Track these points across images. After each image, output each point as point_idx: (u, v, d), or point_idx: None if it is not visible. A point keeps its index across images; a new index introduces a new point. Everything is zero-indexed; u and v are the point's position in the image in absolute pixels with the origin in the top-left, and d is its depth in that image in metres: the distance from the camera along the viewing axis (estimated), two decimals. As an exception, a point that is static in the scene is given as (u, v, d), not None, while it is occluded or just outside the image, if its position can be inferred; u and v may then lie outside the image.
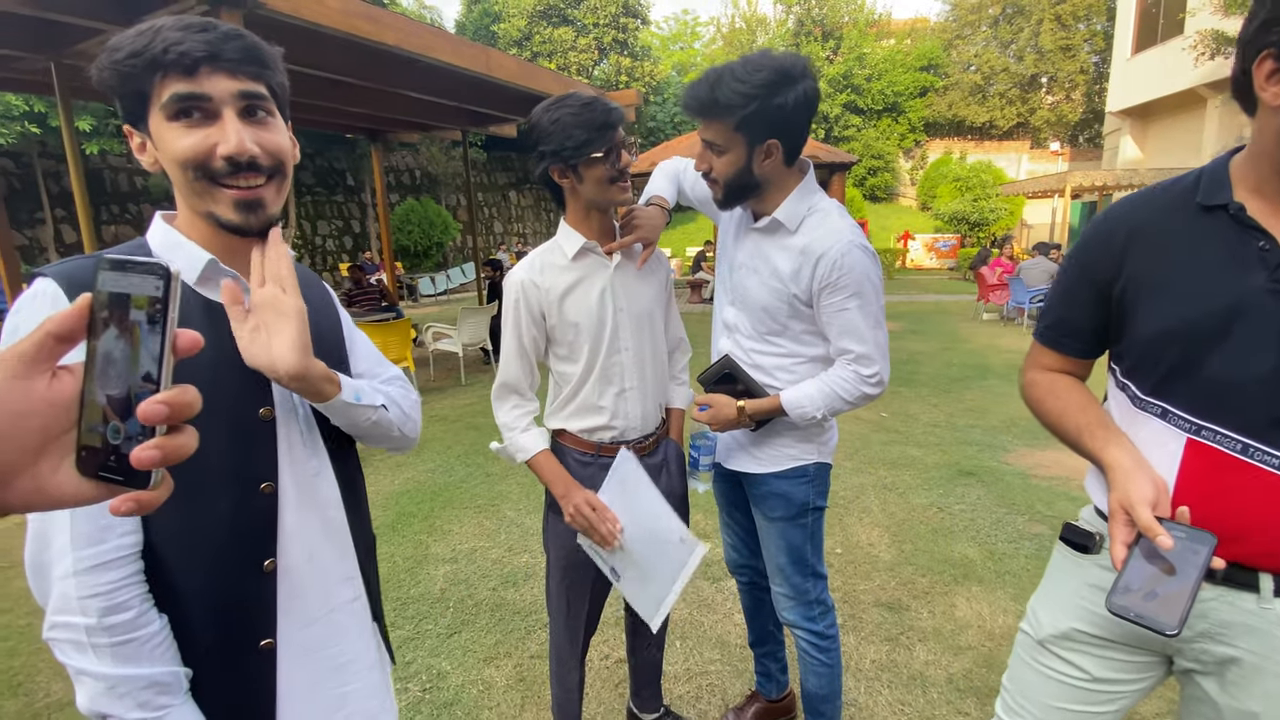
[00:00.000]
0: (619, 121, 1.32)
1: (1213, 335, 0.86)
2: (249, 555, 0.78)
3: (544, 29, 22.15)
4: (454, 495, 3.73)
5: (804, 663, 1.62)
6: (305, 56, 4.69)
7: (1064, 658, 1.04)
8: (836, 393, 1.39)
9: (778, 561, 1.57)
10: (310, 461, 0.84)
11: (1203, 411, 0.88)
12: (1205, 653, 0.92)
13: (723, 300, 1.58)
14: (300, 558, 0.82)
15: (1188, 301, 0.88)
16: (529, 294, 1.40)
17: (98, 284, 0.38)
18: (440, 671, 2.21)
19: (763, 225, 1.42)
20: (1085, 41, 24.24)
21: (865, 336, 1.36)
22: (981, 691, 2.04)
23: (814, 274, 1.35)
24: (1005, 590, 2.60)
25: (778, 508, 1.53)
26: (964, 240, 19.91)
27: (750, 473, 1.55)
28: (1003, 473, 3.86)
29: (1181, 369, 0.89)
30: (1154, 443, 0.93)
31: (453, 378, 6.84)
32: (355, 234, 17.83)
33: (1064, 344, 1.06)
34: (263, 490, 0.79)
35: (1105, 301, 0.98)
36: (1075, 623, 1.02)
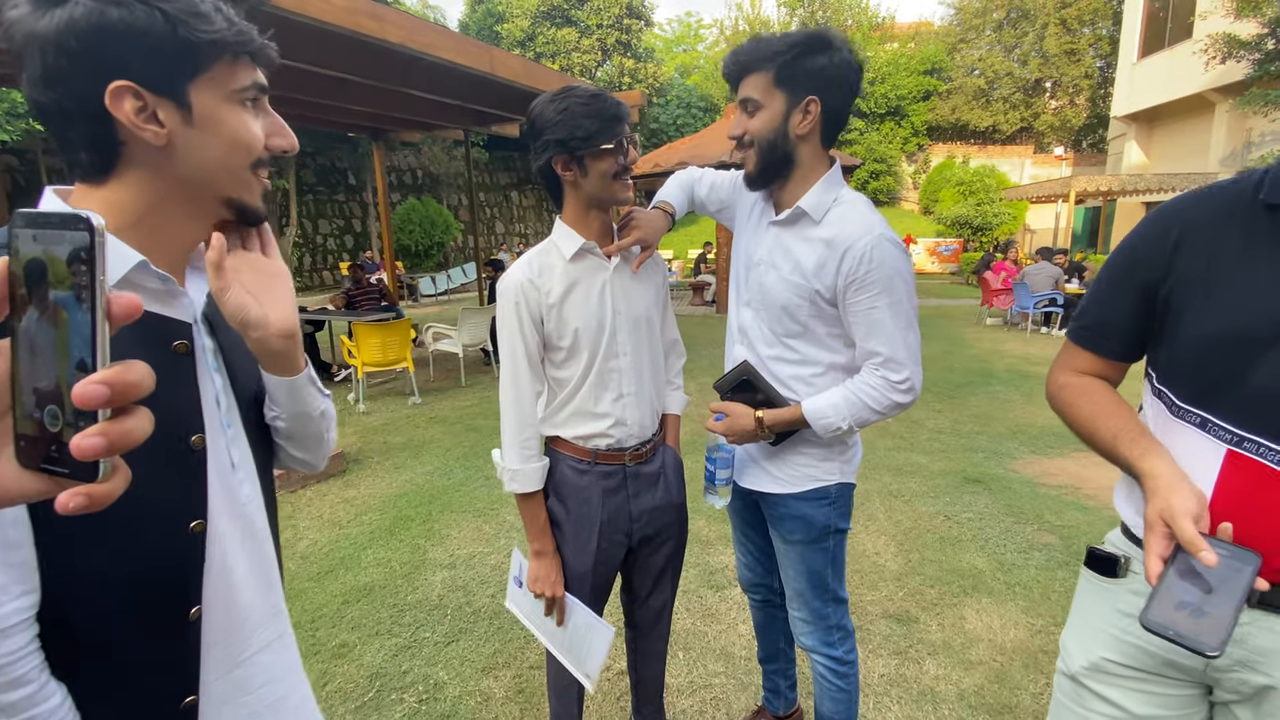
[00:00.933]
0: (626, 115, 1.28)
1: (1265, 342, 0.81)
2: (173, 605, 0.68)
3: (547, 29, 22.14)
4: (453, 499, 3.68)
5: (820, 687, 1.55)
6: (309, 54, 4.64)
7: (1101, 695, 0.97)
8: (864, 401, 1.29)
9: (796, 586, 1.49)
10: (243, 488, 0.75)
11: (1246, 422, 0.83)
12: (1243, 683, 0.86)
13: (737, 303, 1.50)
14: (226, 600, 0.73)
15: (1241, 305, 0.83)
16: (528, 296, 1.34)
17: (13, 247, 0.32)
18: (437, 681, 2.15)
19: (784, 217, 1.35)
20: (1090, 46, 24.22)
21: (895, 338, 1.26)
22: (993, 708, 1.98)
23: (839, 268, 1.26)
24: (1016, 602, 2.54)
25: (797, 530, 1.45)
26: (966, 245, 19.86)
27: (768, 493, 1.46)
28: (1010, 481, 3.81)
29: (1228, 377, 0.84)
30: (1190, 453, 0.88)
31: (453, 379, 6.79)
32: (356, 233, 17.80)
33: (1102, 346, 1.00)
34: (191, 530, 0.68)
35: (1150, 303, 0.93)
36: (1106, 653, 0.96)
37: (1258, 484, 0.82)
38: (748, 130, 1.30)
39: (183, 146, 0.64)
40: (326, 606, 2.61)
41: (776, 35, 1.27)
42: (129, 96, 0.60)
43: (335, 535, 3.25)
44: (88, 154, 0.63)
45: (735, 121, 1.33)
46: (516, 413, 1.37)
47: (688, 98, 25.99)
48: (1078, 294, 9.25)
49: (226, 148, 0.66)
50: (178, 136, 0.63)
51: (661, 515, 1.52)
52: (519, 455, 1.37)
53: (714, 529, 3.22)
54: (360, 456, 4.43)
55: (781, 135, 1.28)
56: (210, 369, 0.73)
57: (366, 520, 3.42)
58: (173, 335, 0.68)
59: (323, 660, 2.28)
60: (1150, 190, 13.68)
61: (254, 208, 0.71)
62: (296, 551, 3.09)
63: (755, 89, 1.28)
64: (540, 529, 1.40)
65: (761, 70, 1.27)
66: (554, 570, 1.41)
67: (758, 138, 1.29)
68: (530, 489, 1.38)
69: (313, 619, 2.53)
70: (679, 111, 25.33)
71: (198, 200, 0.68)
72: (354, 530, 3.31)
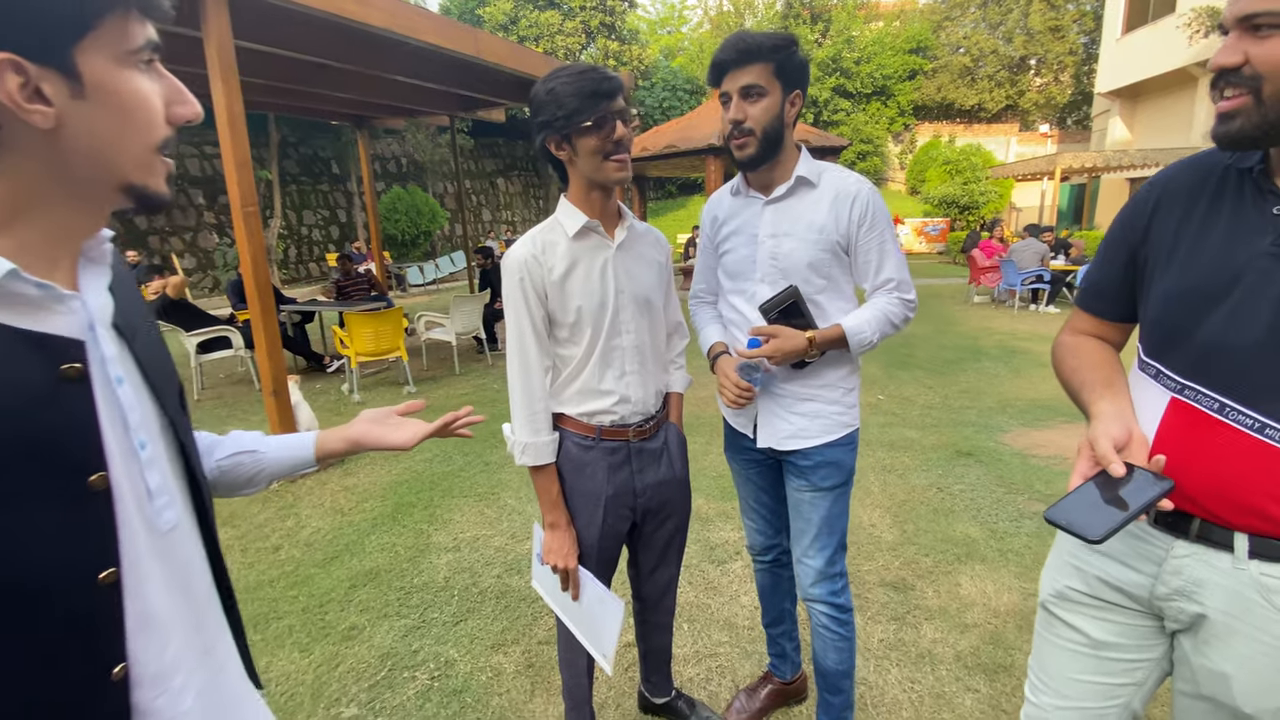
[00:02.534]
0: (614, 91, 1.26)
1: (1212, 299, 0.87)
2: (90, 669, 0.58)
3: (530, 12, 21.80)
4: (453, 484, 3.70)
5: (823, 639, 1.62)
6: (290, 40, 4.57)
7: (1065, 620, 1.06)
8: (888, 317, 1.45)
9: (815, 534, 1.56)
10: (163, 516, 0.65)
11: (1189, 372, 0.90)
12: (1181, 611, 0.94)
13: (751, 284, 1.53)
14: (159, 646, 0.64)
15: (1195, 264, 0.90)
16: (532, 271, 1.35)
17: None
18: (448, 659, 2.19)
19: (783, 191, 1.46)
20: (1074, 22, 24.26)
21: (900, 264, 1.48)
22: (989, 668, 2.05)
23: (850, 214, 1.43)
24: (1009, 568, 2.62)
25: (830, 476, 1.54)
26: (953, 224, 19.96)
27: (805, 448, 1.53)
28: (1001, 453, 3.89)
29: (1180, 331, 0.91)
30: (1143, 402, 0.96)
31: (446, 367, 6.79)
32: (341, 223, 17.60)
33: (1097, 307, 1.08)
34: (101, 582, 0.58)
35: (1134, 265, 1.00)
36: (1068, 580, 1.06)
37: (1193, 427, 0.89)
38: (749, 116, 1.38)
39: (73, 125, 0.54)
40: (333, 591, 2.64)
41: (763, 32, 1.38)
42: (8, 72, 0.49)
43: (338, 522, 3.28)
44: None
45: (735, 107, 1.39)
46: (525, 387, 1.40)
47: (673, 80, 25.76)
48: (1064, 270, 9.36)
49: (124, 122, 0.56)
50: (67, 114, 0.53)
51: (665, 490, 1.56)
52: (529, 429, 1.40)
53: (714, 506, 3.27)
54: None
55: (778, 122, 1.40)
56: (113, 385, 0.61)
57: (368, 507, 3.44)
58: (59, 358, 0.56)
59: (333, 642, 2.31)
60: (1134, 166, 13.81)
61: (156, 193, 0.61)
62: (300, 539, 3.11)
63: (759, 77, 1.36)
64: (553, 502, 1.44)
65: (764, 61, 1.36)
66: (567, 542, 1.44)
67: (759, 124, 1.38)
68: (542, 462, 1.41)
69: (320, 603, 2.55)
70: (665, 94, 25.12)
71: (89, 188, 0.58)
72: (356, 517, 3.33)
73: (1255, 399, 0.84)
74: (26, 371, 0.54)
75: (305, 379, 6.02)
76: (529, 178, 24.74)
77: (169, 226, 13.91)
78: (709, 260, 1.68)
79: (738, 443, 1.68)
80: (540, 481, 1.44)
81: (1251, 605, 0.87)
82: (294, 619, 2.46)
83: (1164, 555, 0.94)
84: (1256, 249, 0.84)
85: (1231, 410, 0.86)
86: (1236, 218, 0.87)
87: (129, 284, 0.71)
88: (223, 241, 14.45)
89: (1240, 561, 0.87)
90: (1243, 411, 0.85)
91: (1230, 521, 0.87)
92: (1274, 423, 0.83)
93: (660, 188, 28.58)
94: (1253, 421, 0.84)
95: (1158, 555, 0.95)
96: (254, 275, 3.76)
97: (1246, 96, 0.79)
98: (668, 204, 27.92)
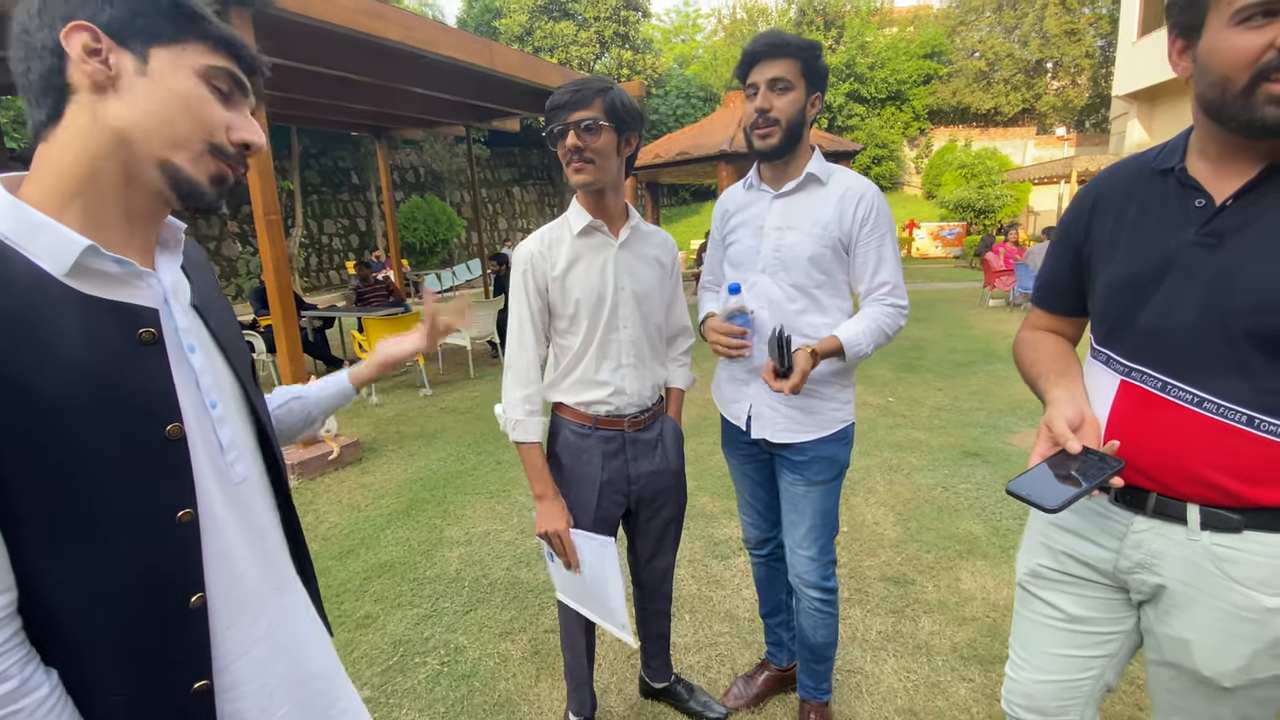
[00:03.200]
0: (575, 103, 1.33)
1: (1148, 287, 0.94)
2: (171, 596, 0.67)
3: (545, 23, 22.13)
4: (466, 482, 3.80)
5: (813, 619, 1.69)
6: (313, 54, 4.74)
7: (1041, 597, 1.12)
8: (881, 327, 1.49)
9: (810, 524, 1.62)
10: (234, 469, 0.74)
11: (1135, 356, 0.96)
12: (1143, 583, 0.99)
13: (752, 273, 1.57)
14: (229, 583, 0.72)
15: (1132, 257, 0.96)
16: (536, 265, 1.46)
17: None
18: (458, 646, 2.28)
19: (793, 186, 1.52)
20: (1090, 25, 24.02)
21: (896, 269, 1.52)
22: (985, 659, 2.09)
23: (855, 214, 1.49)
24: (1009, 564, 2.64)
25: (823, 471, 1.59)
26: (969, 228, 19.81)
27: (800, 442, 1.58)
28: (1007, 453, 3.90)
29: (1123, 318, 0.98)
30: (1097, 386, 1.02)
31: (461, 371, 6.92)
32: (361, 232, 17.94)
33: (1049, 303, 1.15)
34: (179, 520, 0.66)
35: (1078, 261, 1.07)
36: (1041, 559, 1.11)
37: (1141, 406, 0.96)
38: (775, 107, 1.43)
39: (127, 92, 0.63)
40: (349, 583, 2.74)
41: (792, 33, 1.46)
42: (84, 34, 0.60)
43: (355, 518, 3.39)
44: (38, 102, 0.63)
45: (762, 96, 1.43)
46: (516, 370, 1.50)
47: (687, 88, 25.93)
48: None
49: (175, 107, 0.64)
50: (124, 81, 0.62)
51: (659, 480, 1.63)
52: (521, 408, 1.49)
53: (719, 504, 3.33)
54: (375, 445, 4.56)
55: (801, 117, 1.46)
56: (186, 351, 0.70)
57: (384, 504, 3.55)
58: (136, 323, 0.65)
59: (348, 630, 2.41)
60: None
61: (192, 180, 0.67)
62: (318, 534, 3.22)
63: (788, 71, 1.42)
64: (539, 473, 1.51)
65: (794, 58, 1.42)
66: (555, 509, 1.51)
67: (784, 115, 1.44)
68: (529, 438, 1.49)
69: (337, 594, 2.66)
70: (679, 102, 25.28)
71: (133, 162, 0.64)
72: (372, 513, 3.44)
73: (1192, 376, 0.90)
74: (109, 335, 0.63)
75: (324, 382, 6.18)
76: (544, 186, 25.01)
77: (194, 236, 14.29)
78: (717, 253, 1.73)
79: (734, 436, 1.72)
80: (527, 456, 1.51)
81: (1206, 574, 0.92)
82: (312, 607, 2.56)
83: (1125, 530, 1.00)
84: (1183, 239, 0.91)
85: (1173, 388, 0.92)
86: (1164, 213, 0.94)
87: (205, 270, 0.82)
88: (245, 250, 14.81)
89: (1194, 533, 0.93)
90: (1182, 388, 0.91)
91: (1182, 493, 0.93)
92: (1211, 396, 0.89)
93: (674, 194, 28.72)
94: (1192, 396, 0.90)
95: (1119, 530, 1.00)
96: (276, 281, 3.90)
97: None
98: (681, 209, 28.03)
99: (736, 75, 1.49)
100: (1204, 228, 0.89)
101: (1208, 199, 0.90)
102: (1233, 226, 0.87)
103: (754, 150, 1.50)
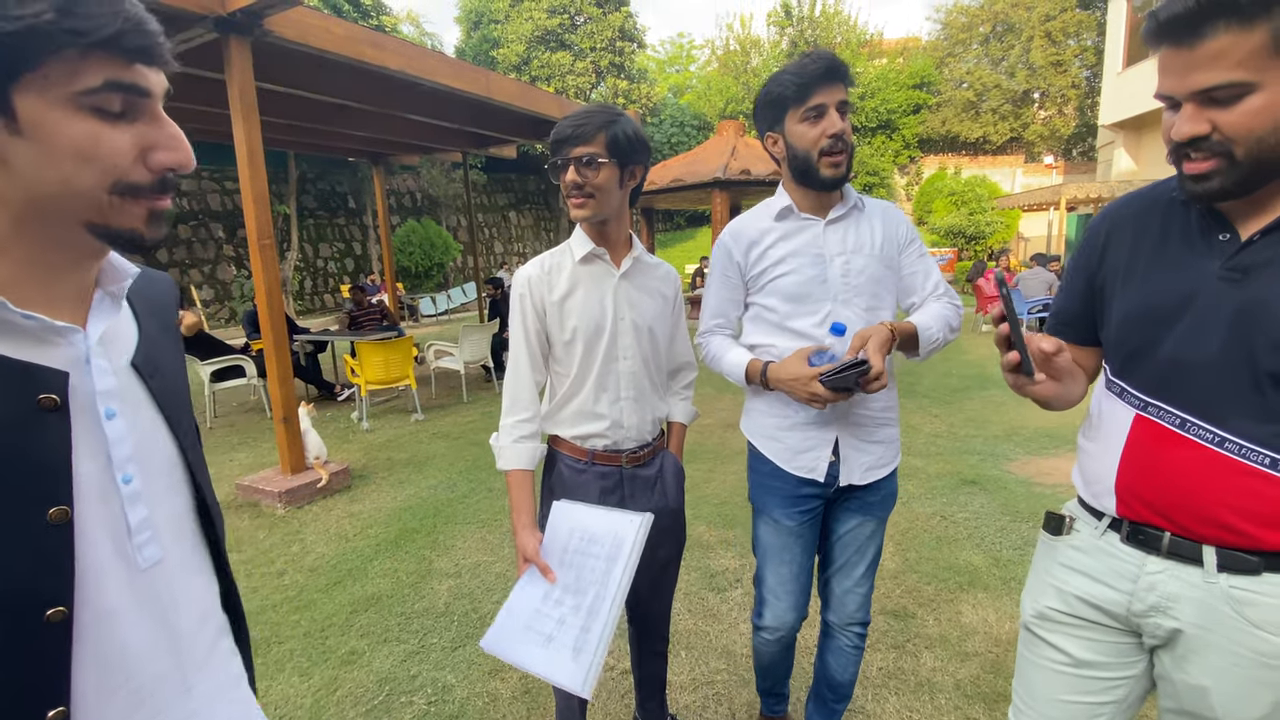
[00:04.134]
0: (576, 138, 1.32)
1: (1168, 319, 0.92)
2: (24, 709, 0.56)
3: (542, 54, 22.51)
4: (457, 511, 3.73)
5: (846, 657, 1.65)
6: (311, 82, 4.78)
7: (1047, 640, 1.08)
8: (946, 320, 1.49)
9: (869, 561, 1.57)
10: (145, 551, 0.64)
11: (1152, 389, 0.94)
12: (1158, 626, 0.96)
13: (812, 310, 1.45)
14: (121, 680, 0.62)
15: (1151, 288, 0.95)
16: (535, 289, 1.43)
17: None
18: (445, 685, 2.20)
19: (843, 212, 1.49)
20: (1076, 57, 24.64)
21: (940, 274, 1.56)
22: (989, 697, 2.02)
23: (898, 233, 1.52)
24: (1011, 597, 2.59)
25: (888, 504, 1.55)
26: (960, 254, 20.03)
27: (881, 478, 1.51)
28: (1006, 481, 3.86)
29: (1140, 351, 0.96)
30: (1110, 417, 0.99)
31: (454, 395, 6.86)
32: (357, 256, 17.96)
33: (1062, 332, 1.13)
34: (48, 620, 0.56)
35: (1090, 290, 1.05)
36: (1049, 601, 1.07)
37: (1157, 442, 0.93)
38: (845, 132, 1.39)
39: (16, 161, 0.53)
40: (335, 616, 2.66)
41: None
42: None
43: (342, 548, 3.31)
44: None
45: (834, 119, 1.35)
46: (512, 396, 1.46)
47: (681, 116, 26.35)
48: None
49: (68, 164, 0.54)
50: (8, 150, 0.53)
51: (657, 519, 1.55)
52: (511, 434, 1.45)
53: (714, 533, 3.27)
54: (365, 472, 4.49)
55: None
56: (102, 417, 0.61)
57: (372, 533, 3.47)
58: (37, 387, 0.56)
59: (332, 667, 2.32)
60: (1140, 196, 13.82)
61: (123, 232, 0.59)
62: (305, 565, 3.14)
63: (848, 96, 1.40)
64: (518, 504, 1.42)
65: (848, 83, 1.40)
66: (532, 540, 1.39)
67: (849, 142, 1.41)
68: (514, 467, 1.44)
69: (322, 628, 2.57)
70: (673, 130, 25.67)
71: (57, 225, 0.57)
72: (360, 543, 3.36)
73: (1213, 414, 0.88)
74: (2, 400, 0.54)
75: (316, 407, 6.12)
76: (540, 211, 25.20)
77: (189, 259, 14.28)
78: (734, 294, 1.57)
79: (799, 492, 1.50)
80: (514, 487, 1.44)
81: (1223, 618, 0.89)
82: (295, 643, 2.48)
83: (1138, 572, 0.96)
84: (1206, 272, 0.89)
85: (1192, 425, 0.89)
86: (1186, 244, 0.92)
87: (165, 313, 0.74)
88: (240, 274, 14.79)
89: (1210, 575, 0.89)
90: (1202, 426, 0.89)
91: (1197, 534, 0.90)
92: (1232, 436, 0.86)
93: (669, 219, 28.99)
94: (1212, 436, 0.88)
95: (1132, 572, 0.97)
96: (268, 305, 3.87)
97: (1218, 159, 0.82)
98: (676, 235, 28.28)
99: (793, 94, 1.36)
100: (1229, 261, 0.87)
101: (1233, 233, 0.88)
102: (1259, 262, 0.85)
103: (821, 179, 1.39)
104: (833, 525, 1.56)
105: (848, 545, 1.55)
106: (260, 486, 3.92)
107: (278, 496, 3.83)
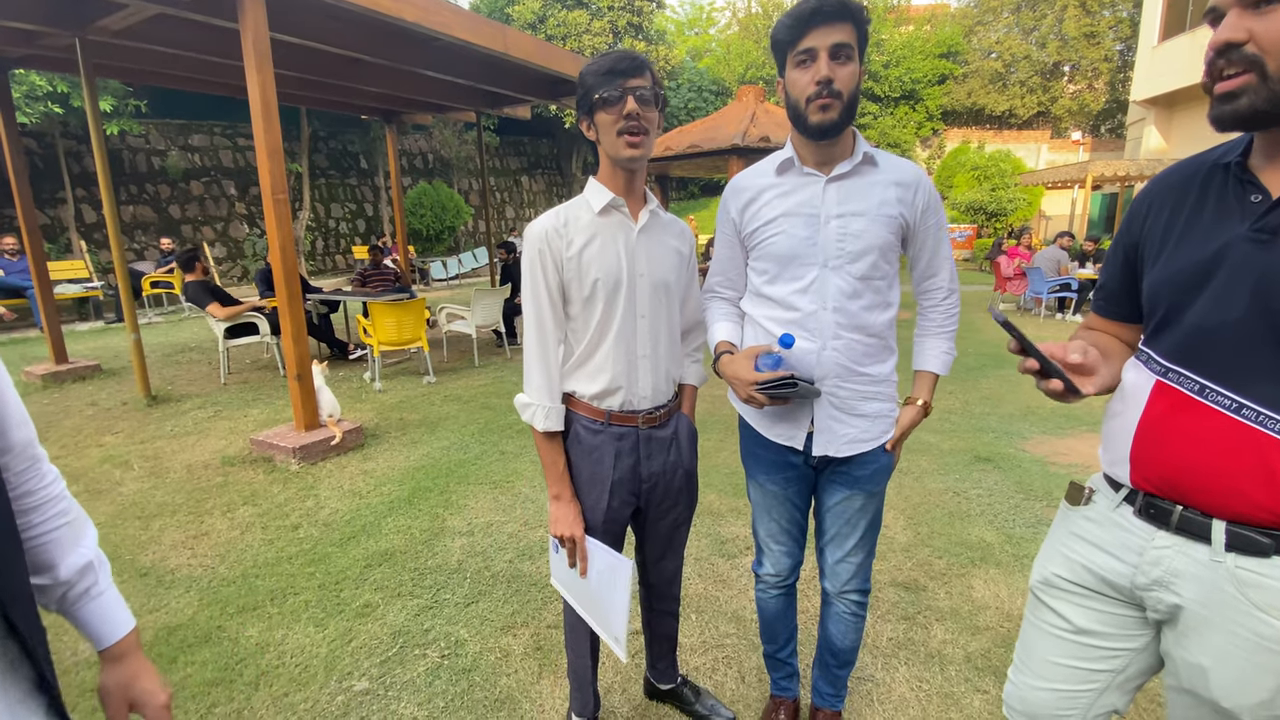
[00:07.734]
0: (633, 69, 1.27)
1: (1195, 283, 0.90)
2: None
3: (559, 12, 21.92)
4: (469, 472, 3.75)
5: (846, 624, 1.65)
6: (325, 33, 4.67)
7: (1050, 606, 1.09)
8: (950, 331, 1.51)
9: (862, 533, 1.55)
10: None
11: (1175, 355, 0.92)
12: (1160, 601, 0.95)
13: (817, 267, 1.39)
14: None
15: (1182, 254, 0.93)
16: (552, 242, 1.37)
17: None
18: (458, 639, 2.23)
19: (849, 168, 1.37)
20: (1110, 29, 23.70)
21: (951, 258, 1.49)
22: (999, 670, 2.03)
23: (915, 199, 1.40)
24: (1023, 573, 2.58)
25: (881, 478, 1.52)
26: (980, 231, 19.65)
27: (865, 452, 1.48)
28: (1020, 459, 3.83)
29: (1168, 318, 0.94)
30: (1133, 385, 0.98)
31: (466, 359, 6.87)
32: (368, 217, 17.86)
33: (1102, 307, 1.12)
34: None
35: (1129, 264, 1.04)
36: (1056, 568, 1.09)
37: (1175, 409, 0.91)
38: (838, 77, 1.26)
39: None
40: (349, 570, 2.69)
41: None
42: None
43: (356, 504, 3.34)
44: None
45: (824, 65, 1.26)
46: (541, 356, 1.42)
47: (700, 81, 25.71)
48: (1091, 279, 9.16)
49: None
50: None
51: (672, 479, 1.56)
52: (549, 394, 1.42)
53: (725, 502, 3.28)
54: (378, 432, 4.51)
55: (858, 90, 1.31)
56: None
57: (385, 491, 3.50)
58: None
59: (347, 619, 2.36)
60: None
61: None
62: (319, 519, 3.18)
63: (849, 36, 1.26)
64: (559, 474, 1.45)
65: (852, 22, 1.26)
66: (572, 512, 1.46)
67: (846, 88, 1.28)
68: (554, 427, 1.43)
69: (336, 581, 2.61)
70: (690, 95, 25.08)
71: None
72: (374, 500, 3.39)
73: (1233, 379, 0.86)
74: None
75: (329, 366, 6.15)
76: (553, 176, 24.87)
77: (201, 216, 14.25)
78: (733, 252, 1.54)
79: (777, 459, 1.53)
80: (549, 453, 1.45)
81: (1226, 598, 0.88)
82: (310, 594, 2.52)
83: (1145, 545, 0.96)
84: (1235, 234, 0.86)
85: (1211, 391, 0.87)
86: (1219, 208, 0.90)
87: None
88: (252, 232, 14.76)
89: (1218, 554, 0.88)
90: (1221, 392, 0.86)
91: (1209, 505, 0.88)
92: (1250, 403, 0.84)
93: (683, 187, 28.55)
94: (1230, 402, 0.86)
95: (1139, 545, 0.96)
96: (282, 261, 3.85)
97: (1249, 75, 0.80)
98: (690, 204, 27.89)
99: (786, 37, 1.28)
100: (1258, 222, 0.84)
101: (1264, 194, 0.85)
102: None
103: (809, 126, 1.30)
104: (822, 497, 1.56)
105: (837, 517, 1.54)
106: (274, 442, 3.96)
107: (292, 452, 3.86)
